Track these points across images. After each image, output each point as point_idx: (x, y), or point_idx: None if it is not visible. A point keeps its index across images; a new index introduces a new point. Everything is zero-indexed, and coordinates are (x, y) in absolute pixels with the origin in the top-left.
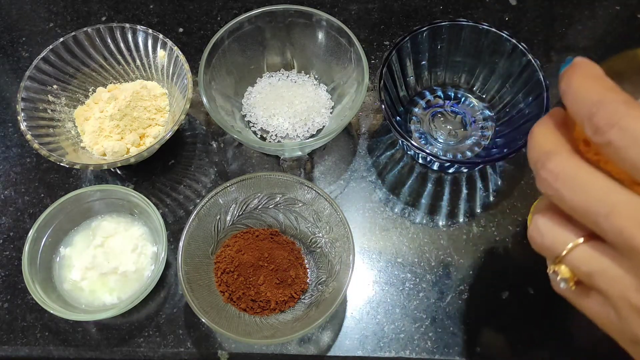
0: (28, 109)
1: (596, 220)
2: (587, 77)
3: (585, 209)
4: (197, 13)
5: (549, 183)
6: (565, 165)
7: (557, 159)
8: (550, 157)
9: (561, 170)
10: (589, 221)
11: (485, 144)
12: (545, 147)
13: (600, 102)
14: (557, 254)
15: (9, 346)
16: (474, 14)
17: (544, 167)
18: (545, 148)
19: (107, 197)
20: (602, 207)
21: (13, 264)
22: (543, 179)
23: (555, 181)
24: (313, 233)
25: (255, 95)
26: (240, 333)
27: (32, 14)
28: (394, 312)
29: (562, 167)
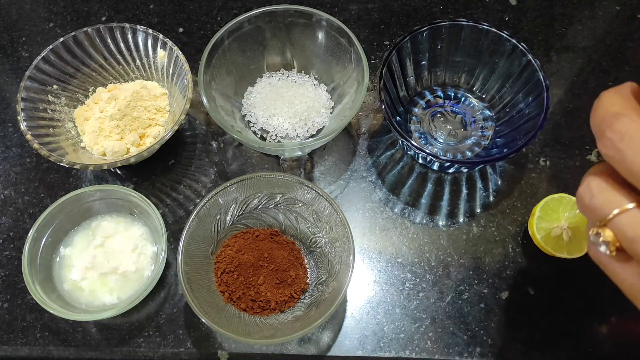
0: (28, 109)
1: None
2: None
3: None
4: (197, 13)
5: (613, 143)
6: (632, 127)
7: (625, 120)
8: (619, 117)
9: (628, 131)
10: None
11: (485, 144)
12: (613, 108)
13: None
14: (604, 216)
15: (9, 346)
16: (474, 14)
17: (610, 126)
18: (613, 109)
19: (107, 197)
20: None
21: (13, 264)
22: (608, 138)
23: (620, 141)
24: (313, 233)
25: (255, 95)
26: (240, 333)
27: (32, 14)
28: (394, 312)
29: (628, 127)
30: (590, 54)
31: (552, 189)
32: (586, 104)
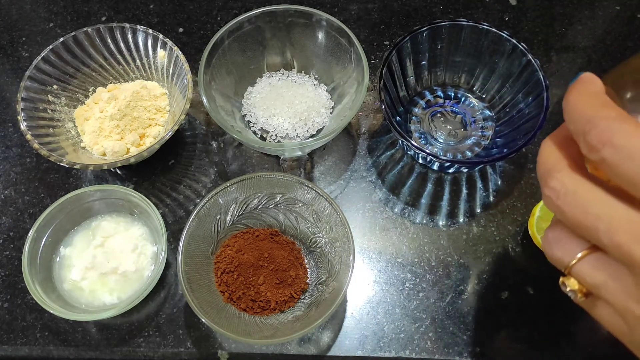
0: (28, 109)
1: (596, 236)
2: (584, 93)
3: (585, 225)
4: (197, 13)
5: (551, 200)
6: (565, 182)
7: (558, 176)
8: (552, 174)
9: (562, 188)
10: (590, 236)
11: (485, 144)
12: (547, 164)
13: (593, 120)
14: (565, 266)
15: (9, 346)
16: (474, 14)
17: (546, 184)
18: (548, 165)
19: (107, 197)
20: (602, 224)
21: (13, 264)
22: (546, 196)
23: (557, 199)
24: (313, 233)
25: (255, 95)
26: (240, 333)
27: (32, 14)
28: (394, 312)
29: (562, 184)
30: (590, 54)
31: None
32: None
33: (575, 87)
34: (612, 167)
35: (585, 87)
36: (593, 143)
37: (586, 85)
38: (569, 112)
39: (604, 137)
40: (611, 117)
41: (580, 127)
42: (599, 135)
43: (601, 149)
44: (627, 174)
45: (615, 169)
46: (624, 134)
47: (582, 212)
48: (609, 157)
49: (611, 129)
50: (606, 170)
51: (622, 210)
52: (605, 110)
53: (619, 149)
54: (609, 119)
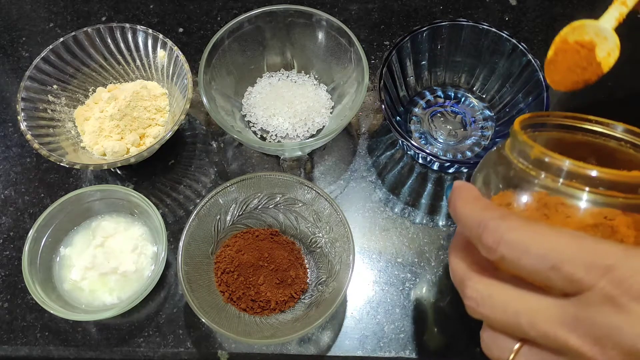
0: (28, 109)
1: (522, 331)
2: (466, 200)
3: (509, 324)
4: (197, 13)
5: (473, 309)
6: (479, 289)
7: (470, 284)
8: (465, 283)
9: (477, 295)
10: (517, 333)
11: (485, 144)
12: (458, 275)
13: (482, 223)
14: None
15: (9, 346)
16: (474, 14)
17: (464, 295)
18: (459, 276)
19: (107, 197)
20: (523, 318)
21: (13, 264)
22: (467, 306)
23: (477, 306)
24: (313, 233)
25: (255, 95)
26: (240, 333)
27: (32, 14)
28: (394, 312)
29: (476, 291)
30: None
31: None
32: (586, 104)
33: (456, 195)
34: (511, 263)
35: (465, 194)
36: (489, 244)
37: (466, 192)
38: (459, 220)
39: (496, 236)
40: (496, 216)
41: (474, 232)
42: (491, 235)
43: (497, 248)
44: (526, 266)
45: (515, 264)
46: (513, 230)
47: (502, 312)
48: (506, 254)
49: (500, 227)
50: (508, 267)
51: (536, 300)
52: (489, 211)
53: (512, 245)
54: (495, 218)
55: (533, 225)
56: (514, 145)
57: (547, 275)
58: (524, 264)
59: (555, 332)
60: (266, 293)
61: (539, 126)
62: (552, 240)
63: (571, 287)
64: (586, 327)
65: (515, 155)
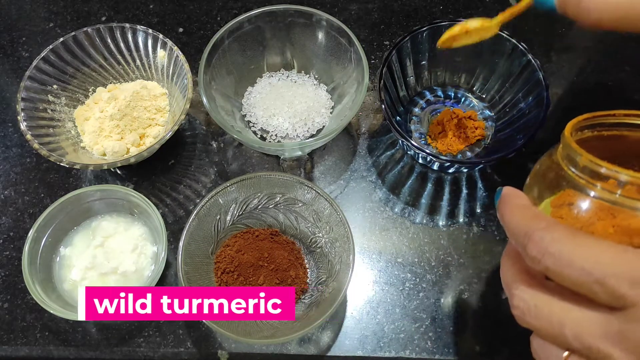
0: (28, 109)
1: (567, 342)
2: (515, 208)
3: (554, 334)
4: (197, 13)
5: (520, 318)
6: (525, 298)
7: (516, 293)
8: (512, 292)
9: (524, 305)
10: (562, 344)
11: (485, 144)
12: (506, 282)
13: (528, 233)
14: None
15: (9, 346)
16: (474, 14)
17: (511, 304)
18: (507, 283)
19: (107, 197)
20: (568, 330)
21: (13, 264)
22: (515, 315)
23: (523, 315)
24: (313, 233)
25: (255, 95)
26: (240, 333)
27: (32, 14)
28: (394, 312)
29: (523, 301)
30: (590, 54)
31: None
32: (586, 104)
33: (504, 203)
34: (555, 274)
35: (514, 202)
36: (533, 254)
37: (514, 200)
38: (507, 228)
39: (541, 247)
40: (542, 227)
41: (519, 241)
42: (537, 246)
43: (541, 259)
44: (570, 278)
45: (559, 275)
46: (557, 242)
47: (548, 323)
48: (550, 266)
49: (545, 239)
50: (552, 277)
51: (581, 313)
52: (536, 222)
53: (557, 257)
54: (540, 229)
55: (578, 237)
56: (565, 152)
57: (591, 288)
58: (568, 276)
59: (598, 346)
60: None
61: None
62: (597, 254)
63: (615, 302)
64: (630, 343)
65: (566, 163)
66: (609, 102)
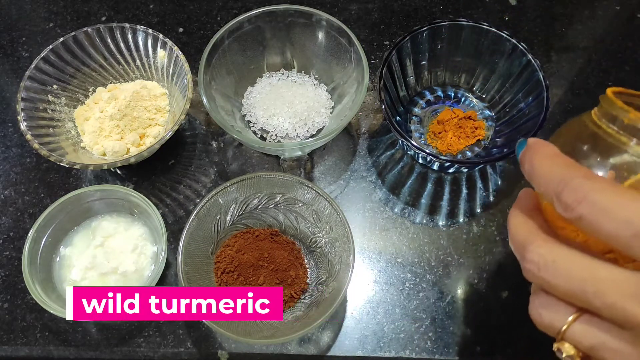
0: (28, 109)
1: (587, 300)
2: (546, 156)
3: (573, 292)
4: (197, 13)
5: (533, 273)
6: (542, 253)
7: (533, 248)
8: (527, 247)
9: (540, 259)
10: (579, 301)
11: (485, 144)
12: (520, 238)
13: (564, 180)
14: (556, 331)
15: (9, 346)
16: (474, 14)
17: (524, 258)
18: (520, 239)
19: (107, 197)
20: (589, 287)
21: (13, 264)
22: (527, 270)
23: (538, 271)
24: (313, 233)
25: (255, 95)
26: (240, 333)
27: (32, 14)
28: (394, 312)
29: (539, 255)
30: (590, 54)
31: None
32: (586, 104)
33: (532, 152)
34: (590, 223)
35: (544, 151)
36: (568, 202)
37: (543, 149)
38: (536, 176)
39: (578, 194)
40: (581, 175)
41: (552, 188)
42: (573, 193)
43: (576, 207)
44: (606, 228)
45: (594, 224)
46: (598, 191)
47: (567, 279)
48: (586, 214)
49: (583, 186)
50: (584, 227)
51: (605, 270)
52: (573, 169)
53: (595, 205)
54: (579, 177)
55: (620, 189)
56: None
57: (628, 242)
58: (605, 227)
59: (624, 304)
60: None
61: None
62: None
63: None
64: None
65: (605, 122)
66: None
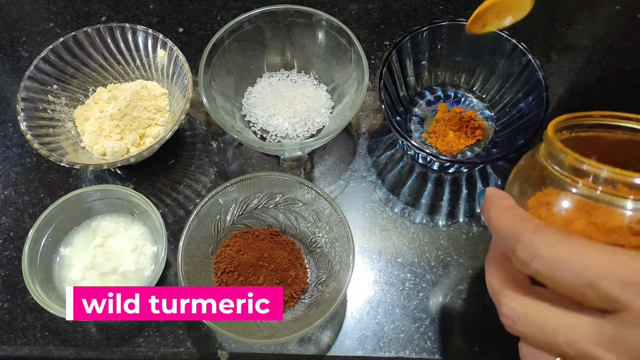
0: (28, 109)
1: (560, 350)
2: (501, 209)
3: (547, 342)
4: (197, 13)
5: (510, 327)
6: (514, 307)
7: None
8: (500, 300)
9: (513, 313)
10: (555, 351)
11: (485, 144)
12: (493, 290)
13: (516, 236)
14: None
15: (9, 346)
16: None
17: (500, 313)
18: (494, 291)
19: (107, 197)
20: (560, 337)
21: (13, 264)
22: (504, 323)
23: (513, 324)
24: (313, 233)
25: (255, 95)
26: (240, 333)
27: (32, 14)
28: (394, 312)
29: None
30: (590, 54)
31: None
32: (586, 104)
33: (490, 204)
34: (545, 277)
35: (499, 203)
36: (522, 258)
37: (499, 201)
38: (493, 230)
39: (530, 251)
40: (531, 229)
41: (507, 244)
42: (525, 250)
43: (530, 263)
44: (561, 282)
45: (549, 279)
46: (548, 245)
47: (540, 331)
48: (540, 269)
49: (533, 242)
50: (542, 280)
51: (573, 318)
52: (523, 224)
53: (547, 261)
54: (530, 232)
55: (568, 239)
56: (548, 151)
57: (582, 292)
58: (559, 280)
59: (593, 351)
60: None
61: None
62: (588, 256)
63: (608, 305)
64: (623, 347)
65: (550, 162)
66: (609, 102)
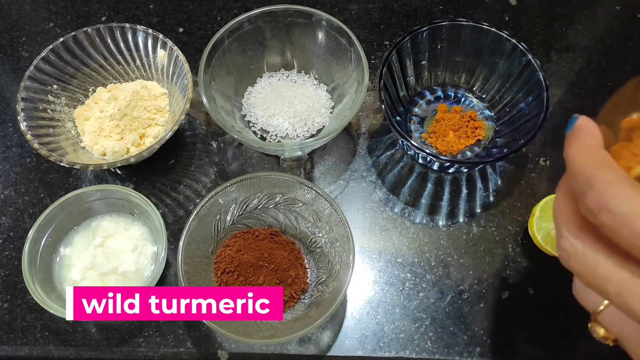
0: (28, 109)
1: (607, 296)
2: (583, 148)
3: (596, 285)
4: (197, 13)
5: (564, 260)
6: (573, 244)
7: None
8: (562, 232)
9: (571, 249)
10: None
11: (485, 144)
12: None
13: (590, 182)
14: (592, 311)
15: (9, 346)
16: (474, 14)
17: (558, 243)
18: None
19: (107, 197)
20: (611, 287)
21: (13, 264)
22: (559, 255)
23: (568, 259)
24: (313, 233)
25: (255, 95)
26: (240, 333)
27: (32, 14)
28: (394, 312)
29: (570, 245)
30: (590, 54)
31: (552, 189)
32: (586, 104)
33: (573, 139)
34: (610, 231)
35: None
36: (591, 206)
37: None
38: (569, 167)
39: (601, 201)
40: (608, 179)
41: (580, 186)
42: (596, 199)
43: (598, 214)
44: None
45: (614, 233)
46: (620, 199)
47: (592, 274)
48: (606, 222)
49: (607, 193)
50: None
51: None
52: (603, 170)
53: (616, 215)
54: (606, 181)
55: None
56: None
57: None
58: (623, 235)
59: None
60: None
61: None
62: None
63: None
64: None
65: None
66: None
